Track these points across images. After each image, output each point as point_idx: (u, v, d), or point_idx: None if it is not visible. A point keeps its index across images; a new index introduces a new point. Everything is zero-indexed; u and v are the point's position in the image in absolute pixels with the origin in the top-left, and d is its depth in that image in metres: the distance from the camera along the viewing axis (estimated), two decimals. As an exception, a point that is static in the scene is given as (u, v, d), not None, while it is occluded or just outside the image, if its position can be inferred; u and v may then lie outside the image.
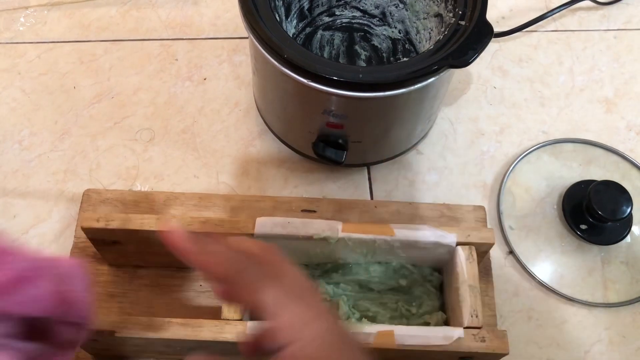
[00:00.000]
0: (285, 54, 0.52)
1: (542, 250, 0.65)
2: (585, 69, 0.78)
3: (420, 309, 0.58)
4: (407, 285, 0.59)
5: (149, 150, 0.70)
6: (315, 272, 0.60)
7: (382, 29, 0.72)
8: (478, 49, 0.53)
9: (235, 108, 0.73)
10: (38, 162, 0.69)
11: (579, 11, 0.82)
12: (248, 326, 0.50)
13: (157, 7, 0.81)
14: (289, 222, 0.55)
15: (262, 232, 0.54)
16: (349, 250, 0.57)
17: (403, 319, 0.58)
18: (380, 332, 0.50)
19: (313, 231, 0.55)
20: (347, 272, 0.59)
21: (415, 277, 0.59)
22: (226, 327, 0.50)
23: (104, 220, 0.55)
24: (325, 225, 0.55)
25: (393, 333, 0.50)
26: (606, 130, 0.73)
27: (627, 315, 0.62)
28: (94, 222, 0.55)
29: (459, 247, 0.54)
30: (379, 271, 0.59)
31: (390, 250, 0.57)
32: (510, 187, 0.68)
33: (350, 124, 0.58)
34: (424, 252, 0.56)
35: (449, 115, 0.73)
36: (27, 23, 0.79)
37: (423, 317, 0.58)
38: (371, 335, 0.50)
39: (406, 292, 0.59)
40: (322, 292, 0.58)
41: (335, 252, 0.57)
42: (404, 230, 0.55)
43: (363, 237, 0.55)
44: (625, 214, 0.61)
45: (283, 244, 0.55)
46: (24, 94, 0.73)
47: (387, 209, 0.66)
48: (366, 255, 0.58)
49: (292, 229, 0.55)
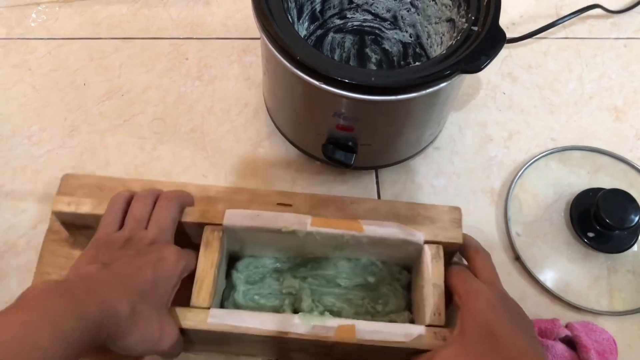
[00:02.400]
0: (298, 55, 0.52)
1: (549, 257, 0.65)
2: (594, 77, 0.78)
3: (386, 307, 0.58)
4: (375, 282, 0.59)
5: (157, 148, 0.70)
6: (284, 265, 0.60)
7: (393, 33, 0.73)
8: (490, 54, 0.53)
9: (244, 108, 0.73)
10: (47, 158, 0.69)
11: (590, 19, 0.82)
12: (211, 314, 0.50)
13: (168, 6, 0.81)
14: (258, 215, 0.55)
15: (231, 224, 0.54)
16: (318, 244, 0.57)
17: (368, 316, 0.58)
18: (342, 326, 0.50)
19: (282, 224, 0.55)
20: (315, 266, 0.59)
21: (383, 275, 0.59)
22: (188, 315, 0.50)
23: (75, 204, 0.55)
24: (294, 219, 0.55)
25: (354, 328, 0.50)
26: (615, 138, 0.73)
27: (633, 324, 0.62)
28: (65, 205, 0.55)
29: (426, 246, 0.55)
30: (347, 267, 0.59)
31: (359, 246, 0.56)
32: (517, 194, 0.68)
33: (360, 127, 0.58)
34: (392, 249, 0.56)
35: (458, 120, 0.73)
36: (39, 19, 0.80)
37: (388, 315, 0.57)
38: (332, 329, 0.50)
39: (373, 290, 0.59)
40: (288, 285, 0.58)
41: (304, 246, 0.57)
42: (372, 227, 0.55)
43: (331, 232, 0.55)
44: (633, 222, 0.61)
45: (252, 236, 0.56)
46: (34, 90, 0.74)
47: (363, 206, 0.66)
48: (335, 250, 0.58)
49: (260, 221, 0.55)
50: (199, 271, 0.52)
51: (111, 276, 0.47)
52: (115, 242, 0.51)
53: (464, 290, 0.51)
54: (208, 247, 0.54)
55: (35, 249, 0.63)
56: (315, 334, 0.50)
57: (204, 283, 0.52)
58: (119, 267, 0.48)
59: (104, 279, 0.46)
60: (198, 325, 0.50)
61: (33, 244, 0.64)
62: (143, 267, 0.48)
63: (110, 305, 0.44)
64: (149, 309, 0.47)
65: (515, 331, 0.47)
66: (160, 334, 0.47)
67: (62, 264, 0.61)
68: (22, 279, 0.62)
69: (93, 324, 0.42)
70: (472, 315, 0.48)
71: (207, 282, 0.52)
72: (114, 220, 0.53)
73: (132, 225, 0.52)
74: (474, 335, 0.47)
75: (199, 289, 0.52)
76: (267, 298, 0.58)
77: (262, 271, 0.60)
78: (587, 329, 0.59)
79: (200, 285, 0.52)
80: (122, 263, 0.48)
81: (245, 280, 0.59)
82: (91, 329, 0.41)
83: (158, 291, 0.48)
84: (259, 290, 0.59)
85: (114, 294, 0.45)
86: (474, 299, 0.49)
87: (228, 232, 0.55)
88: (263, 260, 0.60)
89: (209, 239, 0.54)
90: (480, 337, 0.46)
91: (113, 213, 0.53)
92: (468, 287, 0.51)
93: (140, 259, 0.49)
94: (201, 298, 0.51)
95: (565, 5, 0.83)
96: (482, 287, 0.50)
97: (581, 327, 0.59)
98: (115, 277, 0.47)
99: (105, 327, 0.43)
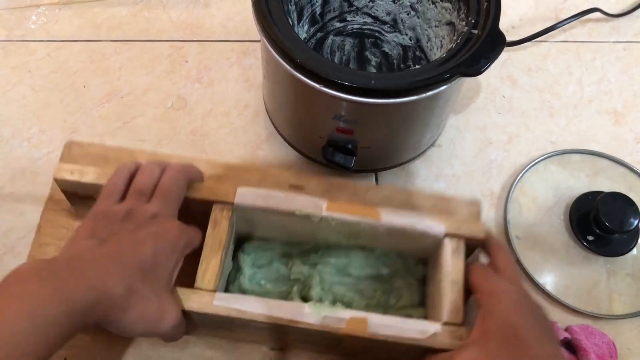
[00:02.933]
0: (298, 58, 0.52)
1: (548, 261, 0.65)
2: (594, 80, 0.78)
3: (400, 301, 0.56)
4: (388, 274, 0.57)
5: (157, 150, 0.70)
6: (293, 250, 0.58)
7: (393, 36, 0.73)
8: (490, 58, 0.53)
9: (244, 111, 0.73)
10: (46, 160, 0.69)
11: (589, 22, 0.83)
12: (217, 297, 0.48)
13: (168, 8, 0.81)
14: (271, 195, 0.52)
15: (242, 203, 0.52)
16: (332, 231, 0.54)
17: (380, 309, 0.55)
18: (353, 318, 0.48)
19: (296, 207, 0.52)
20: (326, 253, 0.57)
21: (397, 267, 0.57)
22: (192, 297, 0.48)
23: (78, 173, 0.53)
24: (309, 202, 0.52)
25: (367, 320, 0.48)
26: (614, 141, 0.73)
27: (632, 328, 0.62)
28: (67, 173, 0.53)
29: (446, 239, 0.52)
30: (360, 257, 0.57)
31: (375, 235, 0.54)
32: (517, 197, 0.68)
33: (360, 130, 0.58)
34: (409, 240, 0.54)
35: (458, 123, 0.73)
36: (39, 21, 0.80)
37: (403, 310, 0.55)
38: (343, 320, 0.48)
39: (386, 282, 0.57)
40: (296, 271, 0.56)
41: (317, 231, 0.55)
42: (391, 215, 0.52)
43: (347, 219, 0.52)
44: (633, 226, 0.61)
45: (263, 217, 0.53)
46: (34, 92, 0.74)
47: (378, 193, 0.61)
48: (349, 238, 0.55)
49: (273, 202, 0.52)
50: (205, 252, 0.50)
51: (105, 255, 0.44)
52: (115, 214, 0.48)
53: (488, 288, 0.48)
54: (216, 226, 0.51)
55: (34, 251, 0.63)
56: (325, 325, 0.48)
57: (210, 264, 0.49)
58: (115, 242, 0.45)
59: (97, 258, 0.44)
60: (203, 308, 0.47)
61: (32, 246, 0.64)
62: (142, 242, 0.45)
63: (102, 288, 0.41)
64: (147, 287, 0.44)
65: (541, 336, 0.44)
66: (160, 315, 0.45)
67: (62, 235, 0.58)
68: (21, 281, 0.62)
69: (81, 307, 0.39)
70: (496, 316, 0.45)
71: (213, 263, 0.49)
72: (116, 191, 0.50)
73: (134, 198, 0.49)
74: (497, 338, 0.44)
75: (205, 270, 0.49)
76: (274, 283, 0.56)
77: (270, 255, 0.57)
78: (587, 333, 0.59)
79: (207, 266, 0.49)
80: (120, 238, 0.46)
81: (252, 263, 0.56)
82: (79, 312, 0.39)
83: (158, 268, 0.46)
84: (266, 274, 0.56)
85: (107, 275, 0.42)
86: (497, 299, 0.46)
87: (238, 211, 0.52)
88: (272, 243, 0.58)
89: (217, 217, 0.51)
90: (504, 340, 0.44)
91: (115, 183, 0.50)
92: (492, 286, 0.48)
93: (139, 232, 0.46)
94: (207, 280, 0.49)
95: (565, 8, 0.83)
96: (507, 287, 0.47)
97: (581, 330, 0.59)
98: (110, 255, 0.44)
99: (96, 310, 0.41)
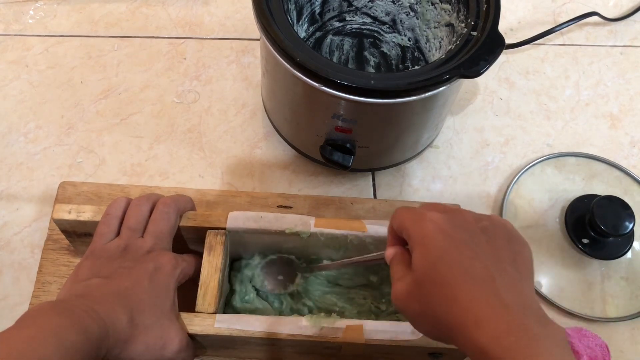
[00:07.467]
0: (298, 57, 0.52)
1: (543, 263, 0.65)
2: (591, 84, 0.78)
3: (390, 307, 0.58)
4: (378, 281, 0.59)
5: (154, 148, 0.70)
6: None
7: (392, 36, 0.73)
8: (489, 60, 0.53)
9: (242, 109, 0.73)
10: (43, 156, 0.69)
11: (587, 26, 0.83)
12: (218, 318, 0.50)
13: (167, 5, 0.81)
14: (261, 217, 0.55)
15: (235, 226, 0.54)
16: (321, 245, 0.56)
17: (372, 316, 0.57)
18: (349, 326, 0.50)
19: (285, 225, 0.54)
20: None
21: (386, 274, 0.59)
22: (195, 320, 0.50)
23: (76, 212, 0.54)
24: (297, 220, 0.55)
25: (362, 327, 0.50)
26: (610, 145, 0.73)
27: (626, 331, 0.62)
28: (65, 213, 0.54)
29: None
30: (350, 268, 0.59)
31: (363, 247, 0.56)
32: (513, 199, 0.68)
33: (358, 129, 0.58)
34: None
35: (455, 125, 0.74)
36: (37, 16, 0.79)
37: (393, 315, 0.57)
38: (340, 329, 0.50)
39: (375, 289, 0.59)
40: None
41: (307, 247, 0.57)
42: (376, 226, 0.55)
43: (335, 233, 0.55)
44: (628, 229, 0.61)
45: (255, 238, 0.56)
46: (31, 87, 0.73)
47: (363, 206, 0.66)
48: (338, 251, 0.58)
49: (264, 223, 0.55)
50: (203, 276, 0.52)
51: (108, 291, 0.47)
52: (112, 251, 0.51)
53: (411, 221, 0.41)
54: (212, 251, 0.53)
55: (30, 247, 0.63)
56: (323, 335, 0.50)
57: (209, 288, 0.52)
58: (116, 280, 0.48)
59: (101, 295, 0.46)
60: (205, 330, 0.50)
61: (28, 241, 0.63)
62: (140, 279, 0.48)
63: (109, 321, 0.44)
64: (149, 318, 0.47)
65: (478, 265, 0.37)
66: (162, 342, 0.47)
67: (63, 273, 0.61)
68: (16, 276, 0.62)
69: (96, 338, 0.42)
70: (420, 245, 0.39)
71: (211, 286, 0.52)
72: (109, 229, 0.52)
73: (128, 235, 0.52)
74: (421, 270, 0.39)
75: (204, 294, 0.51)
76: (268, 298, 0.58)
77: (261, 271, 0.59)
78: (580, 335, 0.59)
79: (205, 290, 0.52)
80: (119, 275, 0.48)
81: (243, 280, 0.58)
82: (93, 342, 0.42)
83: (157, 300, 0.48)
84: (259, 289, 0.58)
85: (111, 309, 0.45)
86: (420, 226, 0.40)
87: (231, 235, 0.55)
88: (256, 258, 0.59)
89: (212, 243, 0.54)
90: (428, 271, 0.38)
91: (108, 222, 0.53)
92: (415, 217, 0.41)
93: (136, 270, 0.49)
94: (207, 303, 0.51)
95: (563, 12, 0.83)
96: (434, 215, 0.40)
97: (574, 332, 0.59)
98: (112, 292, 0.47)
99: (106, 342, 0.43)
